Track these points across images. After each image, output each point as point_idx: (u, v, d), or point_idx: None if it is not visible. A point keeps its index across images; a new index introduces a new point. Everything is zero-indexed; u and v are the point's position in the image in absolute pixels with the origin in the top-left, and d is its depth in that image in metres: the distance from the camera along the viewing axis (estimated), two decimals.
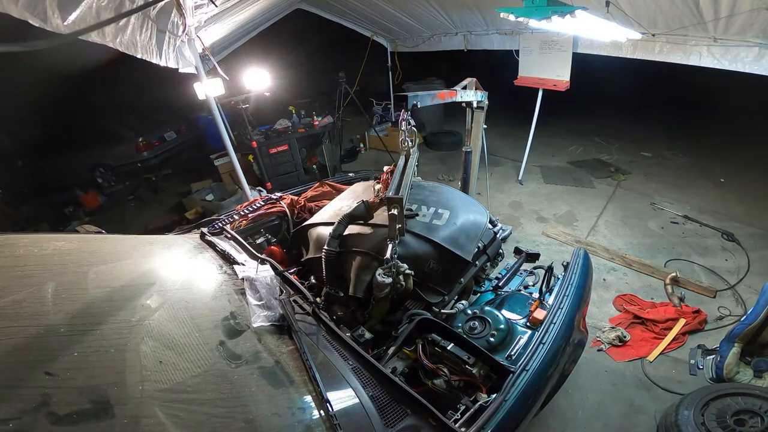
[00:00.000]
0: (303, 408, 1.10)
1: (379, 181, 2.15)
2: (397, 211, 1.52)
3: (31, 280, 1.12)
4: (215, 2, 2.72)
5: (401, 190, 1.59)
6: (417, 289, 1.74)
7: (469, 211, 2.06)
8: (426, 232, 1.83)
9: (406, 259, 1.68)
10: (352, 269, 1.78)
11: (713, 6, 2.59)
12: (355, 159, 6.39)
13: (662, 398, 2.34)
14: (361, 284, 1.74)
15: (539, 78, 4.40)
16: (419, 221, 1.90)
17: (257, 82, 4.10)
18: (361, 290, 1.73)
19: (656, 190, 4.64)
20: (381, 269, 1.57)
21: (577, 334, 1.74)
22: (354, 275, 1.77)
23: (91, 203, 5.87)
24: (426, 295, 1.77)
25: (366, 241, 1.81)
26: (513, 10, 2.25)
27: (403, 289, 1.63)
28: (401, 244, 1.70)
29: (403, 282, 1.61)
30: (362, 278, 1.74)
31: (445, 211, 1.96)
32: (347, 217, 1.85)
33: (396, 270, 1.57)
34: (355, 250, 1.81)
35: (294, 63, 7.79)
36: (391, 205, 1.53)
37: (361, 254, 1.78)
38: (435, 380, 1.37)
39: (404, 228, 1.61)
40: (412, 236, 1.81)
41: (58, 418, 0.77)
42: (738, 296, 3.03)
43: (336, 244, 1.80)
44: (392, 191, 1.59)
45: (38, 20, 1.78)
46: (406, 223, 1.73)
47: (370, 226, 1.87)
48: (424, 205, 2.00)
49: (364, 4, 4.87)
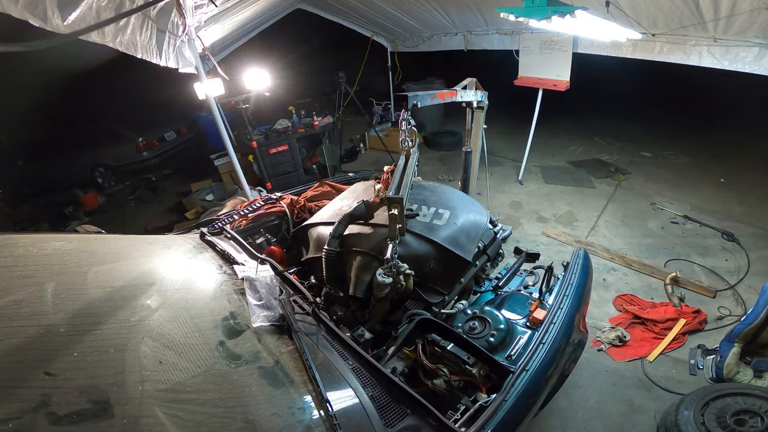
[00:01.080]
0: (303, 408, 1.10)
1: (379, 181, 2.15)
2: (397, 210, 1.52)
3: (31, 280, 1.12)
4: (215, 2, 2.72)
5: (401, 189, 1.59)
6: (417, 289, 1.74)
7: (470, 211, 2.06)
8: (426, 232, 1.83)
9: (406, 259, 1.68)
10: (352, 269, 1.78)
11: (713, 6, 2.59)
12: (355, 159, 6.39)
13: (662, 398, 2.34)
14: (361, 284, 1.74)
15: (539, 78, 4.41)
16: (419, 221, 1.90)
17: (257, 82, 4.10)
18: (361, 290, 1.73)
19: (656, 190, 4.64)
20: (381, 269, 1.57)
21: (577, 334, 1.73)
22: (354, 275, 1.76)
23: (91, 203, 5.87)
24: (426, 295, 1.77)
25: (366, 241, 1.80)
26: (513, 10, 2.25)
27: (404, 289, 1.63)
28: (401, 244, 1.70)
29: (403, 282, 1.61)
30: (362, 278, 1.74)
31: (445, 211, 1.96)
32: (347, 217, 1.85)
33: (396, 270, 1.57)
34: (355, 249, 1.80)
35: (294, 63, 7.79)
36: (391, 205, 1.53)
37: (362, 254, 1.78)
38: (435, 380, 1.37)
39: (405, 228, 1.61)
40: (412, 236, 1.81)
41: (58, 418, 0.78)
42: (738, 296, 3.03)
43: (336, 243, 1.80)
44: (392, 191, 1.59)
45: (38, 20, 1.78)
46: (407, 223, 1.73)
47: (370, 226, 1.86)
48: (425, 205, 1.99)
49: (364, 4, 4.87)
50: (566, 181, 5.00)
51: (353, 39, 6.41)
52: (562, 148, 6.01)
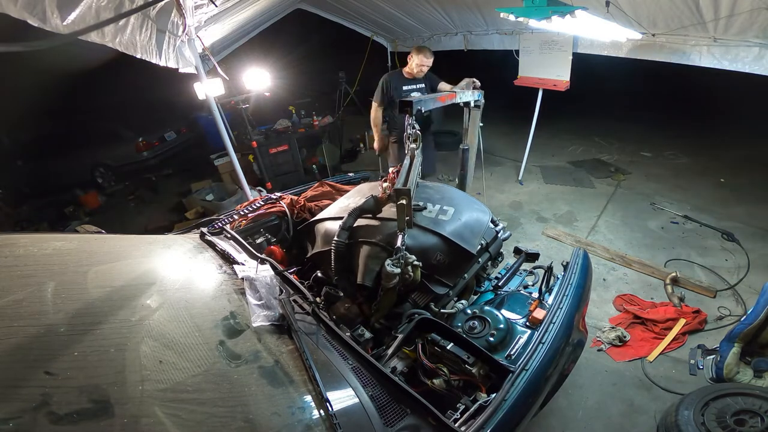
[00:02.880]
0: (303, 407, 1.10)
1: (386, 180, 2.17)
2: (405, 201, 1.56)
3: (31, 280, 1.12)
4: (215, 2, 2.72)
5: (409, 184, 1.63)
6: (424, 281, 1.76)
7: (473, 210, 2.10)
8: (432, 226, 1.87)
9: (413, 251, 1.70)
10: (361, 259, 1.81)
11: (713, 6, 2.59)
12: (355, 159, 6.39)
13: (662, 398, 2.34)
14: (370, 273, 1.76)
15: (539, 78, 4.40)
16: (426, 216, 1.94)
17: (257, 82, 4.10)
18: (370, 279, 1.75)
19: (656, 190, 4.64)
20: (390, 260, 1.60)
21: (576, 333, 1.74)
22: (363, 264, 1.79)
23: (91, 203, 5.87)
24: (433, 287, 1.79)
25: (375, 233, 1.84)
26: (513, 10, 2.26)
27: (411, 280, 1.65)
28: (409, 237, 1.73)
29: (411, 273, 1.63)
30: (371, 267, 1.77)
31: (449, 208, 2.00)
32: (357, 210, 1.87)
33: (405, 261, 1.60)
34: (364, 240, 1.84)
35: (294, 63, 7.79)
36: (399, 196, 1.56)
37: (371, 244, 1.82)
38: (435, 380, 1.37)
39: (412, 220, 1.66)
40: (419, 229, 1.85)
41: (58, 418, 0.78)
42: (738, 296, 3.03)
43: (346, 236, 1.82)
44: (401, 184, 1.63)
45: (37, 20, 1.77)
46: (414, 216, 1.78)
47: (378, 220, 1.91)
48: (430, 203, 2.04)
49: (364, 4, 4.87)
50: (566, 181, 5.00)
51: (353, 39, 6.40)
52: (562, 148, 6.02)
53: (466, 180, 3.11)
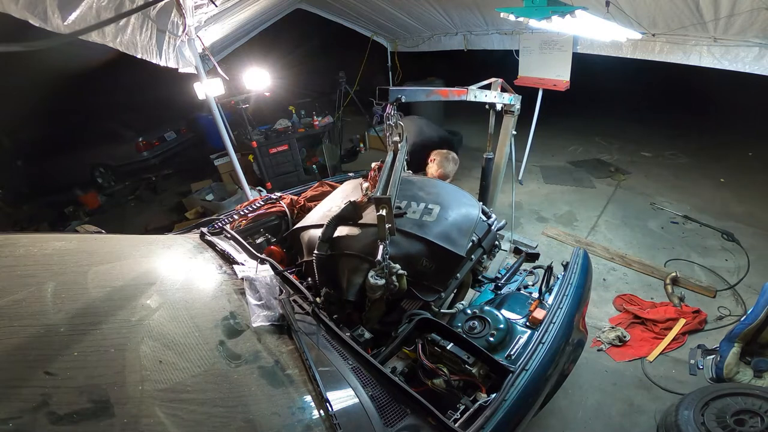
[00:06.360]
0: (303, 407, 1.10)
1: (366, 179, 2.12)
2: (385, 211, 1.46)
3: (31, 280, 1.12)
4: (215, 2, 2.72)
5: (389, 188, 1.53)
6: (412, 289, 1.71)
7: (461, 205, 2.01)
8: (416, 230, 1.79)
9: (398, 259, 1.64)
10: (343, 273, 1.75)
11: (713, 6, 2.59)
12: (355, 159, 6.39)
13: (662, 398, 2.34)
14: (353, 287, 1.70)
15: (539, 78, 4.40)
16: (409, 218, 1.85)
17: (257, 82, 4.09)
18: (353, 294, 1.70)
19: (656, 190, 4.64)
20: (373, 271, 1.54)
21: (576, 333, 1.74)
22: (346, 279, 1.73)
23: (91, 203, 5.87)
24: (421, 294, 1.74)
25: (356, 243, 1.77)
26: (513, 10, 2.25)
27: (398, 290, 1.60)
28: (392, 244, 1.66)
29: (396, 282, 1.57)
30: (354, 281, 1.70)
31: (435, 207, 1.92)
32: (335, 219, 1.81)
33: (388, 271, 1.54)
34: (345, 252, 1.77)
35: (294, 63, 7.79)
36: (379, 206, 1.46)
37: (352, 257, 1.75)
38: (434, 380, 1.37)
39: (394, 227, 1.56)
40: (402, 235, 1.77)
41: (58, 418, 0.77)
42: (738, 296, 3.03)
43: (326, 247, 1.77)
44: (380, 191, 1.52)
45: (38, 20, 1.78)
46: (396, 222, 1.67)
47: (359, 227, 1.83)
48: (414, 202, 1.95)
49: (364, 4, 4.87)
50: (566, 181, 5.00)
51: (353, 39, 6.40)
52: (562, 148, 6.01)
53: (488, 192, 2.83)
